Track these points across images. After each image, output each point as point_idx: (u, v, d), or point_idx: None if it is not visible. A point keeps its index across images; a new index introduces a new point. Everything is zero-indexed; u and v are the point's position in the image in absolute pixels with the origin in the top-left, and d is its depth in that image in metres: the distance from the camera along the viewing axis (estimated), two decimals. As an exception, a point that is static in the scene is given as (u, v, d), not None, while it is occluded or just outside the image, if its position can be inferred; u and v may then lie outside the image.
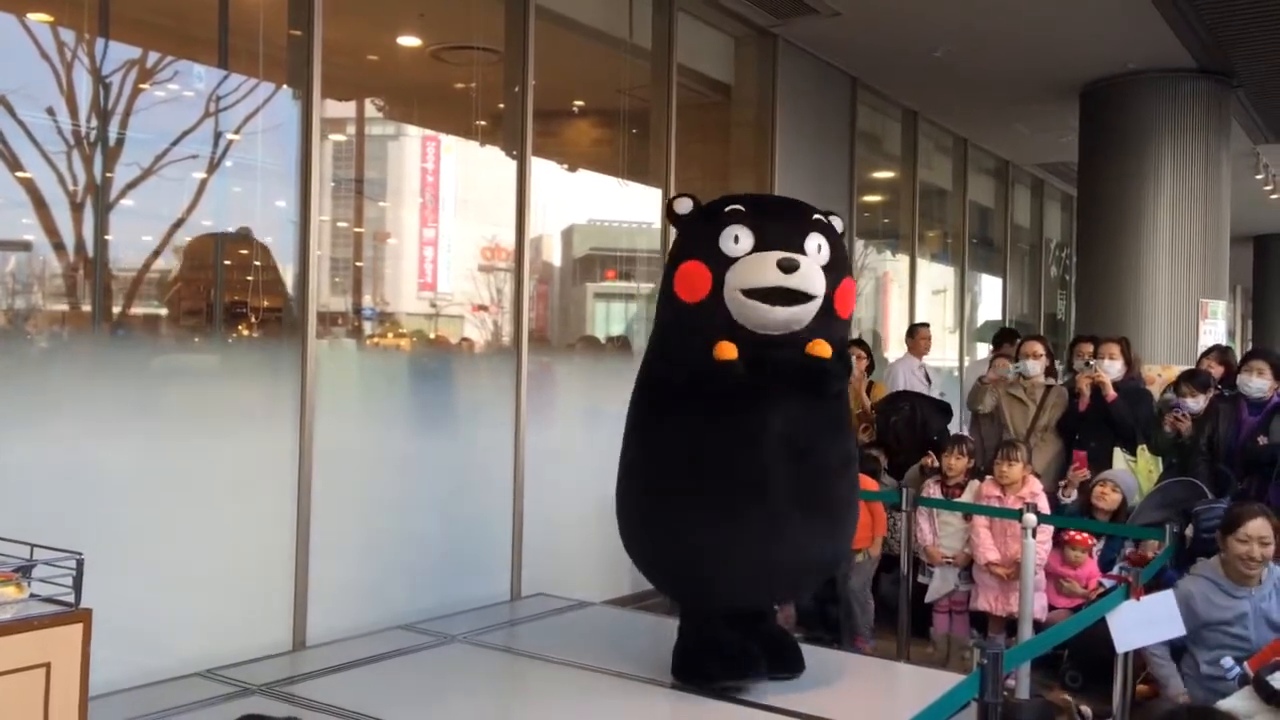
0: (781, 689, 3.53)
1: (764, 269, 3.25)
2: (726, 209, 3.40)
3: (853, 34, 7.02)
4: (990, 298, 11.65)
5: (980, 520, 5.25)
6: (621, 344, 6.64)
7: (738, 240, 3.32)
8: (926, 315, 9.08)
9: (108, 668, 2.44)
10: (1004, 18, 6.79)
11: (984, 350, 11.15)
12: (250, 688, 3.52)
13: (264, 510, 4.05)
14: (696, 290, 3.33)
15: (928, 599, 5.41)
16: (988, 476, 5.39)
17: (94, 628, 2.32)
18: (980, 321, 11.36)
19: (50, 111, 4.49)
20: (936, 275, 10.30)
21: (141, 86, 4.84)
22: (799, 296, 3.27)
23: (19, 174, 4.46)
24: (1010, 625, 5.11)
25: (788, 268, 3.22)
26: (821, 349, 3.33)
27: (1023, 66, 7.85)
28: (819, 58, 7.52)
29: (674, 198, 3.56)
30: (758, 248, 3.29)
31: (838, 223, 3.55)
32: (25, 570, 2.30)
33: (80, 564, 2.31)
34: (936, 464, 5.70)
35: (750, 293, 3.26)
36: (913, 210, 9.28)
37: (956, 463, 5.49)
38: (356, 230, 5.98)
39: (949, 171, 10.27)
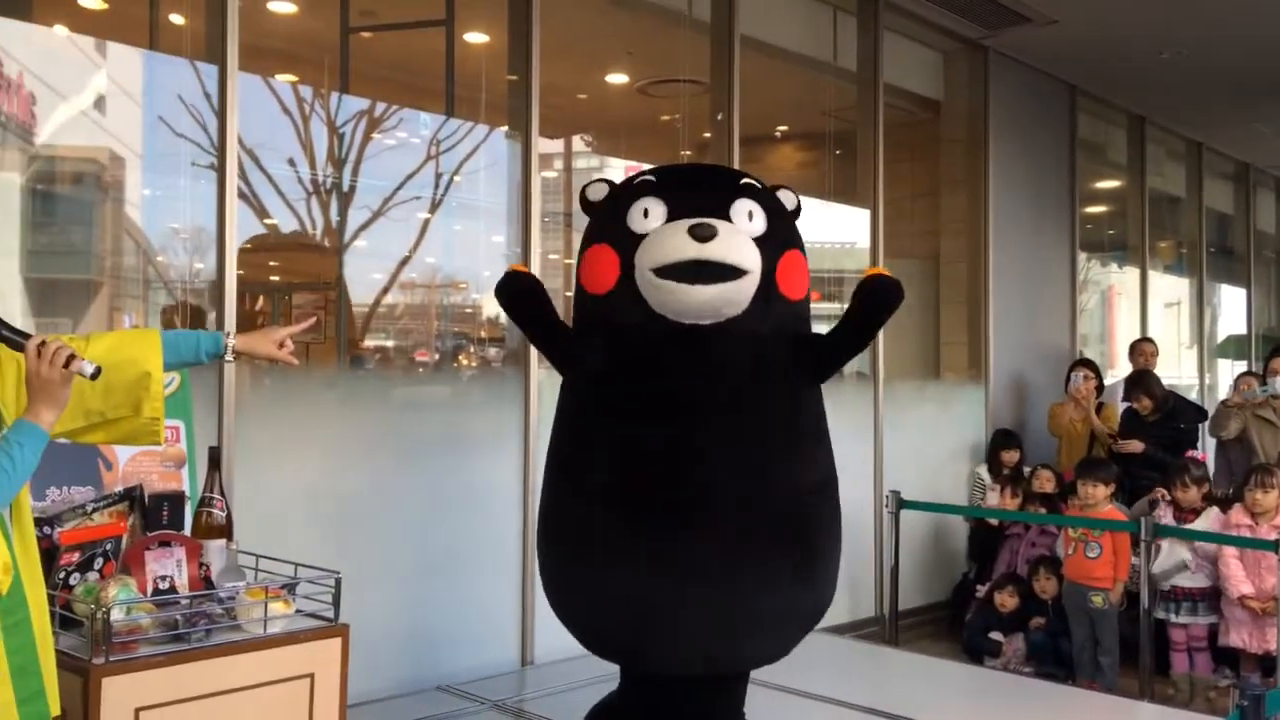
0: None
1: (675, 240, 2.64)
2: (636, 181, 2.86)
3: (1071, 41, 6.72)
4: (1232, 310, 10.82)
5: (1230, 551, 4.87)
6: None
7: (647, 214, 2.74)
8: (1159, 330, 8.54)
9: (355, 679, 2.61)
10: (1239, 11, 6.34)
11: (1226, 367, 10.38)
12: (484, 702, 3.69)
13: (493, 532, 4.24)
14: (602, 278, 2.76)
15: (1155, 569, 4.98)
16: (1237, 504, 5.01)
17: (347, 641, 2.49)
18: (1221, 336, 10.57)
19: (291, 162, 4.90)
20: (1169, 288, 9.67)
21: (372, 135, 5.22)
22: (723, 271, 2.64)
23: (266, 220, 4.89)
24: (1264, 663, 4.72)
25: (703, 235, 2.62)
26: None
27: (1262, 62, 7.29)
28: (1034, 67, 7.24)
29: (587, 184, 2.96)
30: (671, 219, 2.71)
31: (788, 197, 2.94)
32: (291, 587, 2.50)
33: (339, 582, 2.50)
34: (1169, 497, 5.34)
35: (663, 271, 2.65)
36: (1142, 220, 8.76)
37: (1185, 495, 5.14)
38: (566, 262, 6.19)
39: (1181, 178, 9.64)
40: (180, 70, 3.98)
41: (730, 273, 2.65)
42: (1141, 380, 6.07)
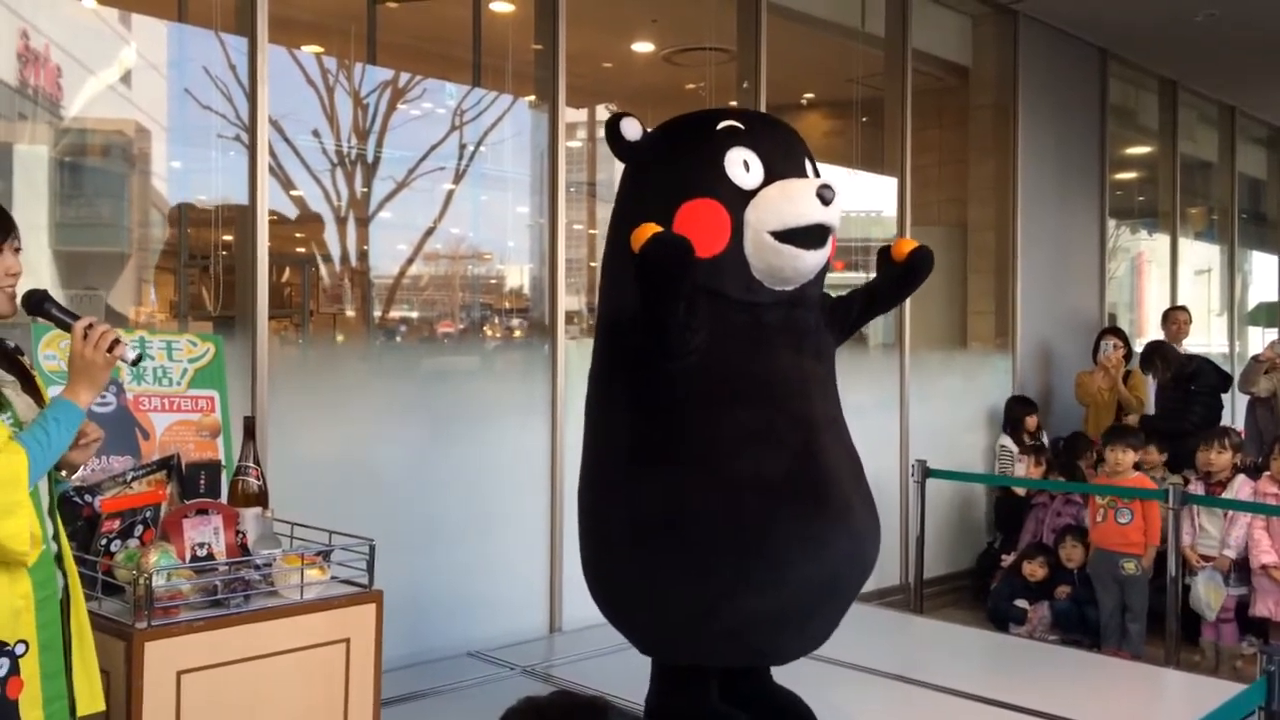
0: (1047, 694, 3.40)
1: (807, 201, 2.48)
2: (720, 126, 2.60)
3: (1102, 4, 6.63)
4: (1264, 277, 10.70)
5: (1257, 520, 4.85)
6: (857, 337, 6.56)
7: (748, 167, 2.54)
8: (1189, 298, 8.45)
9: (387, 644, 2.66)
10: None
11: (1256, 334, 10.28)
12: (513, 667, 3.75)
13: (521, 501, 4.28)
14: (715, 238, 2.49)
15: (1193, 604, 5.02)
16: (1265, 473, 4.98)
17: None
18: (1252, 303, 10.46)
19: (316, 134, 4.91)
20: (1200, 254, 9.57)
21: (398, 106, 5.22)
22: (828, 235, 2.55)
23: (292, 192, 4.91)
24: (1294, 633, 4.72)
25: (829, 199, 2.47)
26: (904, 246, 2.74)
27: (1299, 23, 7.16)
28: (1065, 31, 7.14)
29: (618, 117, 2.64)
30: (770, 178, 2.53)
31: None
32: (326, 555, 2.55)
33: (372, 549, 2.54)
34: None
35: (786, 234, 2.49)
36: (1173, 186, 8.65)
37: (1218, 458, 5.10)
38: (590, 232, 6.20)
39: (1214, 142, 9.50)
40: (206, 42, 3.98)
41: (829, 236, 2.56)
42: (1156, 350, 6.03)
